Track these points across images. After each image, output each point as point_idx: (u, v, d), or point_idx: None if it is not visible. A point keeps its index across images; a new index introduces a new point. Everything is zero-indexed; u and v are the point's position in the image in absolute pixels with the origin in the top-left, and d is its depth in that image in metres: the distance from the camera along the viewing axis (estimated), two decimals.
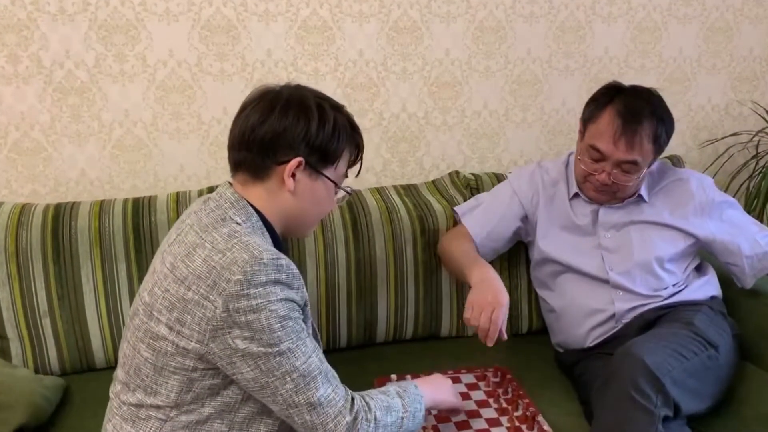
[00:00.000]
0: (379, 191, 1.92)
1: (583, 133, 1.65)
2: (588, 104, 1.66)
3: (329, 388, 1.07)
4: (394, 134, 2.14)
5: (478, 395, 1.59)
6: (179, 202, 1.73)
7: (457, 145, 2.21)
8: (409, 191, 1.94)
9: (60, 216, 1.66)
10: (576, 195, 1.73)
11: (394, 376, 1.65)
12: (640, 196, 1.69)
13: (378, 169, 2.16)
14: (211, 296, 1.02)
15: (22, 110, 1.87)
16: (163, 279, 1.07)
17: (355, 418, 1.08)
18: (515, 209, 1.77)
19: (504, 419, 1.50)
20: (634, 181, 1.60)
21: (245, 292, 1.01)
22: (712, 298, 1.68)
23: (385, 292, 1.81)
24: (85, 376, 1.66)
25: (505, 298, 1.46)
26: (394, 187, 1.96)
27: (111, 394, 1.17)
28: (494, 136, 2.24)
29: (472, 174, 2.00)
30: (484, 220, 1.77)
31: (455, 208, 1.84)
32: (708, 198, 1.69)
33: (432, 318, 1.87)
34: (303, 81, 2.01)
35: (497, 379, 1.66)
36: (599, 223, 1.69)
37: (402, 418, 1.16)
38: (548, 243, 1.73)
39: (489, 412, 1.53)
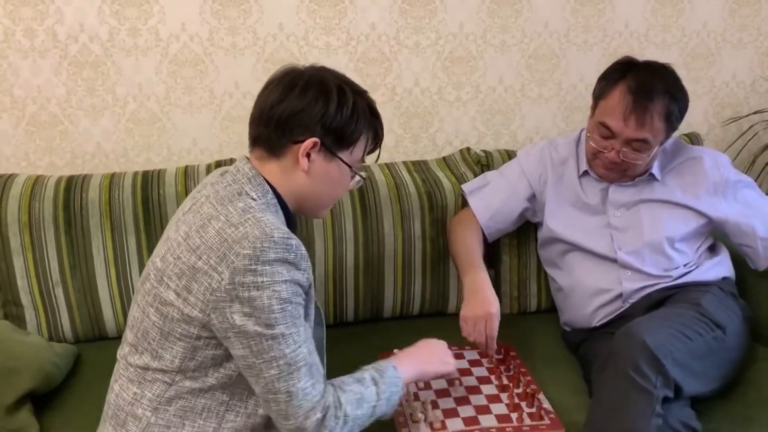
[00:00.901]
0: (389, 167, 1.91)
1: (594, 109, 1.62)
2: (600, 80, 1.62)
3: (309, 381, 1.08)
4: (406, 110, 2.13)
5: (480, 371, 1.59)
6: (187, 176, 1.76)
7: (471, 122, 2.19)
8: (418, 167, 1.93)
9: (71, 188, 1.69)
10: (585, 173, 1.70)
11: (396, 351, 1.65)
12: (651, 174, 1.65)
13: (390, 145, 2.14)
14: (219, 267, 1.04)
15: (38, 84, 1.90)
16: (177, 247, 1.10)
17: (324, 416, 1.09)
18: (522, 189, 1.75)
19: (504, 396, 1.50)
20: (644, 159, 1.57)
21: (252, 267, 1.03)
22: (724, 279, 1.65)
23: (392, 268, 1.81)
24: (96, 344, 1.71)
25: (494, 307, 1.50)
26: (404, 162, 1.95)
27: (118, 356, 1.21)
28: (509, 113, 2.21)
29: (483, 151, 1.98)
30: (489, 201, 1.75)
31: (463, 186, 1.83)
32: (722, 177, 1.64)
33: (439, 295, 1.86)
34: (314, 55, 2.02)
35: (500, 356, 1.65)
36: (609, 201, 1.66)
37: (374, 407, 1.17)
38: (556, 222, 1.71)
39: (489, 389, 1.53)
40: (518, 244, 1.89)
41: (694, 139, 1.99)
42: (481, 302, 1.51)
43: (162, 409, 1.11)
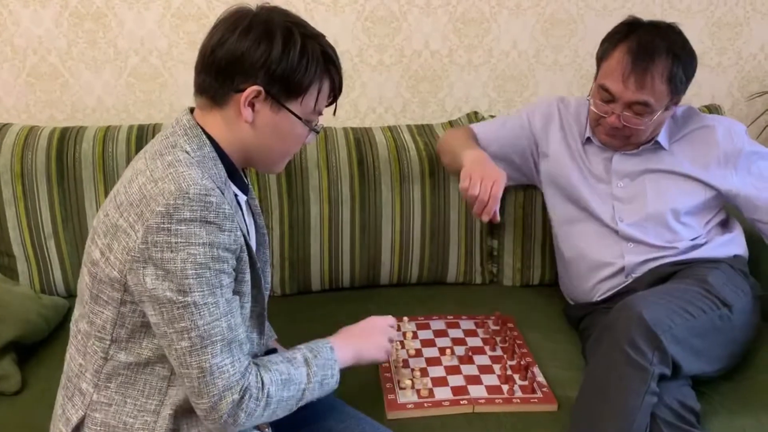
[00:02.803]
0: (391, 129, 1.85)
1: (597, 72, 1.54)
2: (603, 41, 1.54)
3: (228, 358, 0.98)
4: (415, 72, 2.06)
5: (474, 341, 1.55)
6: None
7: (482, 87, 2.11)
8: (422, 131, 1.86)
9: (65, 139, 1.66)
10: (589, 140, 1.63)
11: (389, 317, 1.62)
12: (657, 142, 1.57)
13: (397, 109, 2.08)
14: (136, 225, 0.96)
15: (39, 34, 1.87)
16: (108, 203, 1.04)
17: (242, 397, 0.99)
18: (526, 134, 1.69)
19: (497, 367, 1.45)
20: (646, 124, 1.48)
21: (166, 226, 0.95)
22: (735, 256, 1.56)
23: (390, 233, 1.76)
24: None
25: (503, 173, 1.43)
26: (408, 126, 1.88)
27: (71, 322, 1.14)
28: (523, 79, 2.13)
29: (492, 116, 1.91)
30: (494, 131, 1.71)
31: (471, 125, 1.77)
32: (735, 147, 1.55)
33: (438, 263, 1.81)
34: (321, 13, 1.96)
35: (497, 327, 1.60)
36: (613, 171, 1.59)
37: (304, 390, 1.06)
38: (566, 172, 1.64)
39: (483, 359, 1.48)
40: (523, 215, 1.83)
41: (714, 111, 1.89)
42: (491, 165, 1.45)
43: (103, 386, 1.05)
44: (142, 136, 1.69)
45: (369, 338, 1.23)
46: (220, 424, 0.99)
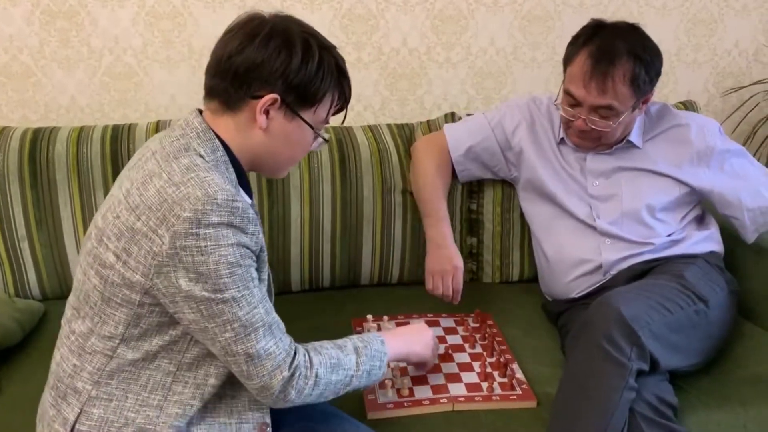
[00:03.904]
0: (372, 129, 1.84)
1: (564, 77, 1.55)
2: (568, 45, 1.55)
3: (271, 340, 1.02)
4: (393, 70, 2.05)
5: (454, 339, 1.55)
6: (159, 131, 1.69)
7: (460, 84, 2.12)
8: (402, 131, 1.86)
9: (38, 140, 1.63)
10: (563, 140, 1.64)
11: (369, 316, 1.62)
12: (630, 141, 1.58)
13: (376, 107, 2.08)
14: (159, 230, 0.97)
15: (10, 33, 1.84)
16: (117, 204, 1.03)
17: (292, 375, 1.03)
18: (499, 135, 1.70)
19: (476, 364, 1.45)
20: (612, 127, 1.50)
21: (194, 231, 0.96)
22: (711, 252, 1.58)
23: (371, 234, 1.76)
24: (64, 302, 1.61)
25: (460, 261, 1.54)
26: (388, 125, 1.88)
27: (62, 322, 1.14)
28: (501, 76, 2.13)
29: (469, 115, 1.90)
30: (466, 135, 1.71)
31: (445, 125, 1.77)
32: (707, 146, 1.57)
33: (419, 264, 1.80)
34: (298, 10, 1.94)
35: (477, 324, 1.61)
36: (587, 170, 1.60)
37: (352, 376, 1.11)
38: (538, 172, 1.65)
39: (462, 357, 1.48)
40: (502, 212, 1.83)
41: (690, 107, 1.91)
42: (447, 257, 1.54)
43: (104, 383, 1.04)
44: (116, 136, 1.67)
45: (419, 337, 1.30)
46: (272, 399, 1.05)
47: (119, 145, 1.65)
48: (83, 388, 1.05)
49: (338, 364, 1.09)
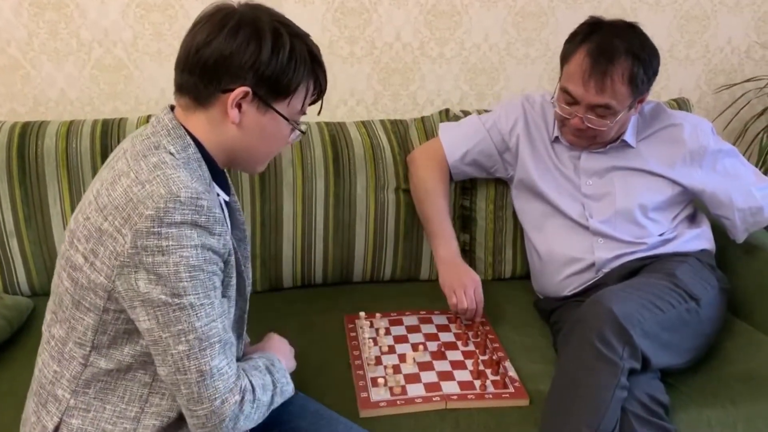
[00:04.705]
0: (365, 125, 1.83)
1: (560, 74, 1.54)
2: (565, 42, 1.54)
3: (224, 360, 0.96)
4: (386, 65, 2.04)
5: (446, 337, 1.55)
6: None
7: (453, 80, 2.11)
8: (396, 127, 1.85)
9: (26, 135, 1.61)
10: (557, 139, 1.64)
11: (362, 313, 1.61)
12: (624, 141, 1.58)
13: (369, 102, 2.06)
14: (123, 230, 0.93)
15: None
16: (87, 205, 1.00)
17: (242, 399, 0.97)
18: (495, 138, 1.69)
19: (469, 362, 1.45)
20: (609, 126, 1.50)
21: (156, 230, 0.92)
22: (702, 251, 1.59)
23: (364, 231, 1.75)
24: None
25: (477, 275, 1.55)
26: (382, 121, 1.87)
27: (43, 327, 1.10)
28: (494, 72, 2.12)
29: (463, 111, 1.90)
30: (461, 140, 1.70)
31: (441, 124, 1.77)
32: (700, 146, 1.57)
33: (412, 261, 1.81)
34: (290, 4, 1.93)
35: (469, 322, 1.60)
36: (581, 169, 1.60)
37: (273, 395, 1.05)
38: (531, 173, 1.65)
39: (455, 355, 1.48)
40: (495, 209, 1.83)
41: (683, 105, 1.91)
42: (464, 272, 1.54)
43: (81, 392, 1.02)
44: (106, 131, 1.65)
45: (284, 353, 1.23)
46: (221, 429, 0.97)
47: (109, 139, 1.63)
48: (63, 396, 1.03)
49: (264, 384, 1.04)
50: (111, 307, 0.98)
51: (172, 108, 1.06)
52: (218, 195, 1.07)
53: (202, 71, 0.99)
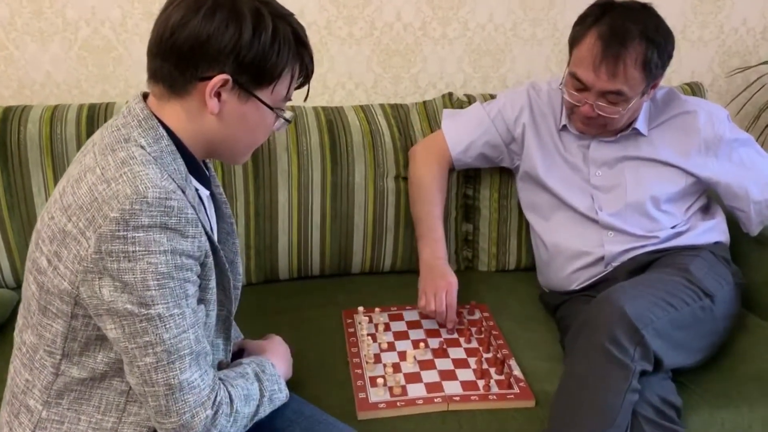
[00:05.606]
0: (364, 110, 1.76)
1: (569, 59, 1.46)
2: (575, 24, 1.46)
3: (197, 372, 0.90)
4: (386, 46, 1.95)
5: (448, 333, 1.48)
6: None
7: (457, 62, 2.02)
8: (396, 112, 1.77)
9: (8, 120, 1.53)
10: (565, 127, 1.56)
11: (360, 308, 1.55)
12: (636, 129, 1.50)
13: (368, 85, 1.98)
14: (87, 232, 0.86)
15: None
16: (53, 204, 0.93)
17: (216, 412, 0.92)
18: (500, 128, 1.62)
19: (472, 360, 1.39)
20: (621, 113, 1.42)
21: (121, 233, 0.85)
22: (716, 243, 1.52)
23: (362, 221, 1.68)
24: None
25: (454, 278, 1.47)
26: (381, 106, 1.79)
27: (15, 333, 1.03)
28: (499, 54, 2.04)
29: (467, 95, 1.82)
30: (464, 131, 1.64)
31: (444, 110, 1.71)
32: (715, 134, 1.49)
33: (412, 252, 1.73)
34: None
35: (472, 317, 1.54)
36: (590, 159, 1.53)
37: (258, 406, 1.00)
38: (538, 165, 1.58)
39: (457, 352, 1.42)
40: (499, 198, 1.76)
41: (696, 89, 1.83)
42: (440, 273, 1.47)
43: (54, 403, 0.96)
44: (93, 116, 1.57)
45: (285, 355, 1.17)
46: None
47: (96, 125, 1.56)
48: (35, 407, 0.96)
49: (248, 395, 0.98)
50: (80, 313, 0.91)
51: (146, 96, 0.98)
52: (197, 190, 0.99)
53: (178, 57, 0.91)
